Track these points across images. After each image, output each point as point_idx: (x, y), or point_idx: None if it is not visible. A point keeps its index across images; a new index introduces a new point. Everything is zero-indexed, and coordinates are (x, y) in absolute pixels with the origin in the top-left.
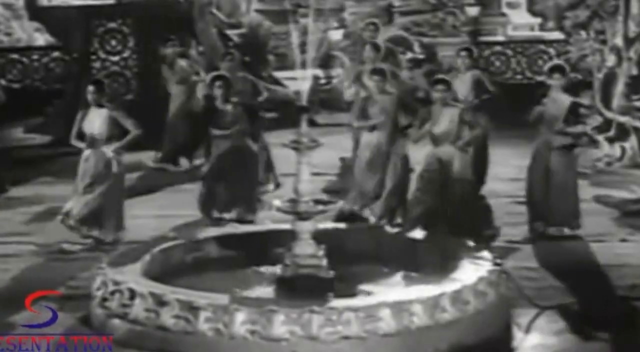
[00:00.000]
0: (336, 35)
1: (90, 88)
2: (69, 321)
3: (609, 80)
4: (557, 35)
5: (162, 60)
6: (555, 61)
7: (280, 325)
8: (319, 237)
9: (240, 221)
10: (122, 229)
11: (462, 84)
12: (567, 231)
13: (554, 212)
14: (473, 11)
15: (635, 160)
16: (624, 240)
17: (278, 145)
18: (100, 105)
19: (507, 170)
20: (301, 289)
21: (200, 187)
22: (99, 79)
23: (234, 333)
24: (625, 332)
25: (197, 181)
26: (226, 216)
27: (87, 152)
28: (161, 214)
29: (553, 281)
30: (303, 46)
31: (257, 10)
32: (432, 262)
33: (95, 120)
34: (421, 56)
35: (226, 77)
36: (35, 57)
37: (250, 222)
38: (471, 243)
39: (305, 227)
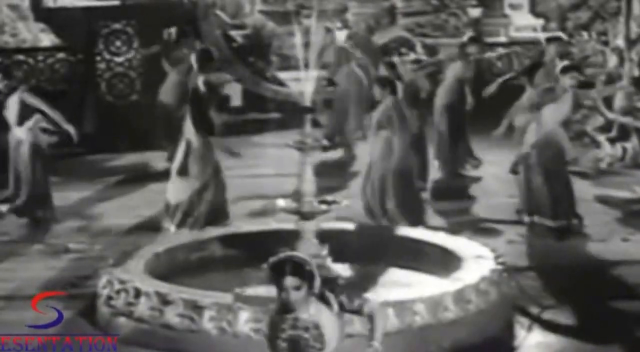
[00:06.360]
0: (340, 36)
1: None
2: (74, 319)
3: (611, 81)
4: (560, 36)
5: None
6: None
7: None
8: (323, 236)
9: None
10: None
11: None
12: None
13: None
14: (475, 12)
15: (636, 160)
16: (625, 240)
17: (282, 145)
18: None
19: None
20: None
21: None
22: None
23: (238, 332)
24: (625, 331)
25: None
26: None
27: None
28: None
29: (554, 280)
30: (306, 47)
31: (261, 12)
32: (435, 261)
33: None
34: (423, 57)
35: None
36: (40, 58)
37: None
38: None
39: (309, 227)
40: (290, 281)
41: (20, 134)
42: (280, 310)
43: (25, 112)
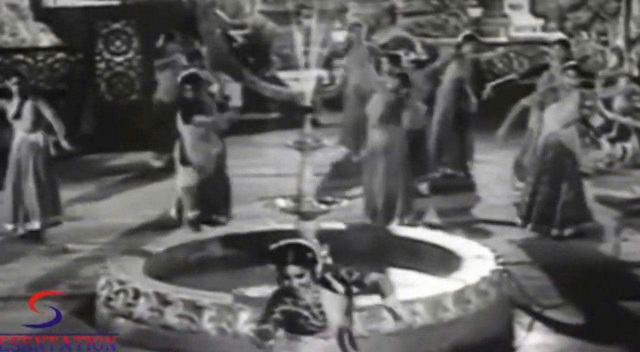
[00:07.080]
0: (339, 36)
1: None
2: (72, 320)
3: (611, 81)
4: (559, 36)
5: None
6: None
7: None
8: (322, 237)
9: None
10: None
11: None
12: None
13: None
14: (475, 12)
15: (636, 160)
16: (625, 239)
17: (282, 145)
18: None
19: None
20: None
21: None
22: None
23: (238, 332)
24: (626, 331)
25: None
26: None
27: None
28: None
29: (554, 280)
30: (306, 47)
31: (261, 11)
32: (435, 261)
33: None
34: (424, 57)
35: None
36: (40, 57)
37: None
38: None
39: (309, 227)
40: (292, 269)
41: (34, 139)
42: (281, 292)
43: (38, 119)
